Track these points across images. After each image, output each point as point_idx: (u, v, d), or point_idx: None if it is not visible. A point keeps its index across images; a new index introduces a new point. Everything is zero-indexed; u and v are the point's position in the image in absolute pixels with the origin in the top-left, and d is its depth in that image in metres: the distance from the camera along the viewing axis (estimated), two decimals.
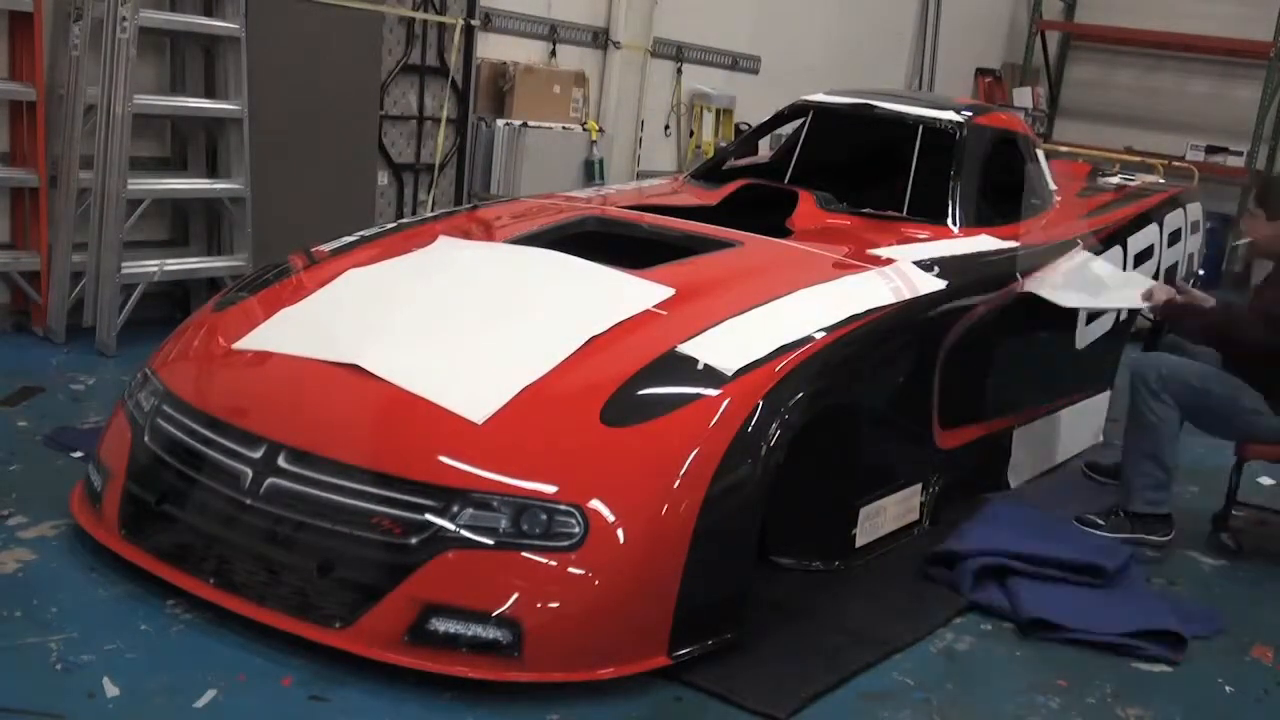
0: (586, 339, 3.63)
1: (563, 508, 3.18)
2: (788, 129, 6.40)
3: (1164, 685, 3.67)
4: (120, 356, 5.65)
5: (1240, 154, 12.29)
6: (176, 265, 6.16)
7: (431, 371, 3.53)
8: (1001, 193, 5.65)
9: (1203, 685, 3.70)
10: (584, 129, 8.29)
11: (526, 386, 3.44)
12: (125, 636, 3.20)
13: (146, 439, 3.65)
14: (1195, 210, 6.85)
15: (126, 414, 3.81)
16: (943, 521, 4.50)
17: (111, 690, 2.97)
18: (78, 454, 4.32)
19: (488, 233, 4.90)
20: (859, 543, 4.14)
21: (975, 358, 4.77)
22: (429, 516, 3.17)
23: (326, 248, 4.52)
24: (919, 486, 4.45)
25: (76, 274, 5.82)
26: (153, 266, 5.99)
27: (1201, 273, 7.19)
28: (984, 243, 5.08)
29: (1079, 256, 5.39)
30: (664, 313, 3.82)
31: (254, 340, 3.82)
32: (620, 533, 3.19)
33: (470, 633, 3.10)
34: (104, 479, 3.70)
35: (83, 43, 5.67)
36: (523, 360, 3.54)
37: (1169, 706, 3.53)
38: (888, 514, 4.27)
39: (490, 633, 3.10)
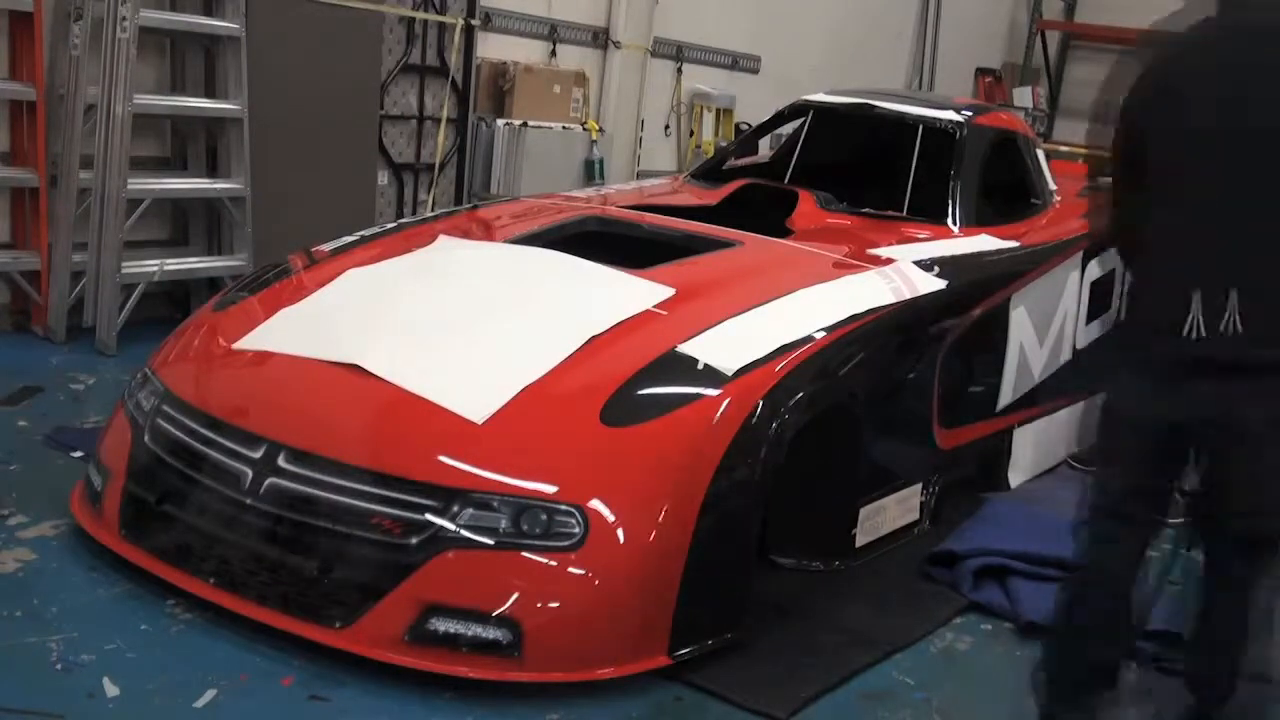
0: (587, 339, 3.63)
1: (563, 508, 3.18)
2: (788, 129, 6.40)
3: (1163, 685, 3.66)
4: (120, 356, 5.65)
5: None
6: (176, 265, 6.17)
7: (431, 372, 3.53)
8: (1002, 192, 5.65)
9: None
10: (584, 129, 8.29)
11: (526, 386, 3.44)
12: (125, 636, 3.21)
13: (147, 439, 3.65)
14: None
15: (126, 414, 3.81)
16: (943, 521, 4.50)
17: (111, 690, 2.97)
18: (78, 454, 4.32)
19: (488, 233, 4.91)
20: (859, 543, 4.13)
21: (975, 357, 4.77)
22: (429, 516, 3.17)
23: (326, 248, 4.52)
24: (919, 486, 4.45)
25: (76, 274, 5.82)
26: (153, 266, 5.99)
27: None
28: (984, 242, 5.08)
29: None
30: (664, 313, 3.81)
31: (254, 340, 3.82)
32: (620, 533, 3.19)
33: (470, 633, 3.10)
34: (104, 479, 3.70)
35: (83, 42, 5.67)
36: (523, 360, 3.54)
37: (1168, 706, 3.53)
38: (888, 514, 4.27)
39: (490, 633, 3.10)
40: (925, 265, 4.55)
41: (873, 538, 4.20)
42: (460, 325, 3.80)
